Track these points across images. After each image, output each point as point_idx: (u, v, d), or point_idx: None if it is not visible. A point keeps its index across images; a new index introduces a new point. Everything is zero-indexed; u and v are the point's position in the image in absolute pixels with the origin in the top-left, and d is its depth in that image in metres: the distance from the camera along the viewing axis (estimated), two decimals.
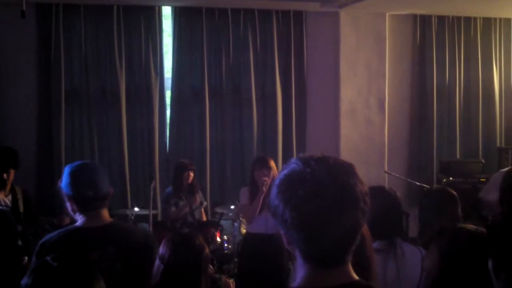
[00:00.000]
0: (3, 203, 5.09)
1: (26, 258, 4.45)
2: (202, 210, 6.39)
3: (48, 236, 2.82)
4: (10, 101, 6.55)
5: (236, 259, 5.86)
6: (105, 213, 2.82)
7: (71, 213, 2.83)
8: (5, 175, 5.04)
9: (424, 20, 7.63)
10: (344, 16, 7.27)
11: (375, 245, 2.81)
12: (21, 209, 5.18)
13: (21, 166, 5.20)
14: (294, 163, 1.49)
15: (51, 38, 6.56)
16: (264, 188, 5.00)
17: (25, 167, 5.48)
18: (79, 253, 2.64)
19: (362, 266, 1.59)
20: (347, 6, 6.80)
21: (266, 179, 5.01)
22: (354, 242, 1.48)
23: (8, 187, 5.14)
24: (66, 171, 2.83)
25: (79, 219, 2.79)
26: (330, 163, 1.47)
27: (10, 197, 5.15)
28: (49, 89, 6.63)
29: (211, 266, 5.28)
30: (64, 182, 2.78)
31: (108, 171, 6.16)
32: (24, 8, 6.03)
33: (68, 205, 2.79)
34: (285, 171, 1.50)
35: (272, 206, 1.49)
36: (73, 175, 2.78)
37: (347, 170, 1.47)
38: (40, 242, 2.77)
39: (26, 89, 6.63)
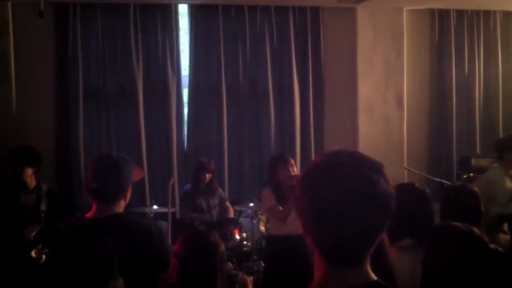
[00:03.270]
0: (25, 202, 5.14)
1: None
2: (229, 205, 6.37)
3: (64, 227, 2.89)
4: (28, 100, 6.59)
5: (255, 257, 5.85)
6: (116, 206, 2.83)
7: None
8: (24, 171, 5.07)
9: (442, 15, 7.55)
10: (361, 11, 7.22)
11: (405, 242, 2.79)
12: (43, 207, 5.21)
13: (40, 164, 5.25)
14: (320, 156, 1.49)
15: (68, 37, 6.60)
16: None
17: (44, 165, 5.51)
18: (81, 243, 2.68)
19: (382, 270, 1.57)
20: (365, 2, 6.75)
21: (295, 174, 4.95)
22: (372, 243, 1.45)
23: (32, 185, 5.17)
24: None
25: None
26: (356, 157, 1.46)
27: (34, 195, 5.18)
28: (67, 88, 6.67)
29: (229, 263, 5.32)
30: None
31: None
32: (42, 8, 6.09)
33: None
34: (311, 164, 1.50)
35: (295, 197, 1.49)
36: (89, 165, 2.89)
37: (373, 167, 1.44)
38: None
39: (44, 88, 6.68)
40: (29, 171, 5.12)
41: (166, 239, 2.89)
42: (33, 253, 4.39)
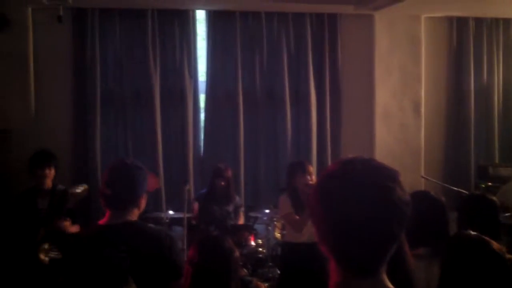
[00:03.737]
0: (43, 206, 5.19)
1: None
2: (240, 213, 6.38)
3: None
4: (46, 103, 6.65)
5: (270, 263, 5.84)
6: (129, 213, 2.83)
7: None
8: (46, 172, 5.14)
9: (460, 22, 7.51)
10: (379, 18, 7.19)
11: (419, 251, 2.77)
12: (59, 210, 5.25)
13: (58, 167, 5.30)
14: (335, 164, 1.49)
15: (86, 42, 6.65)
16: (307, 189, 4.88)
17: (61, 169, 5.56)
18: (94, 249, 2.68)
19: (402, 280, 1.55)
20: (382, 9, 6.72)
21: (312, 183, 4.92)
22: (388, 251, 1.44)
23: (49, 188, 5.23)
24: None
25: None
26: (372, 164, 1.46)
27: (48, 198, 5.24)
28: (84, 92, 6.71)
29: (244, 270, 5.31)
30: None
31: None
32: (61, 13, 6.16)
33: None
34: (325, 171, 1.50)
35: (310, 205, 1.49)
36: (104, 172, 2.91)
37: (389, 174, 1.44)
38: None
39: (62, 92, 6.72)
40: (50, 173, 5.20)
41: (178, 247, 2.88)
42: (41, 255, 4.42)
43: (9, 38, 6.33)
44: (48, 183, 5.21)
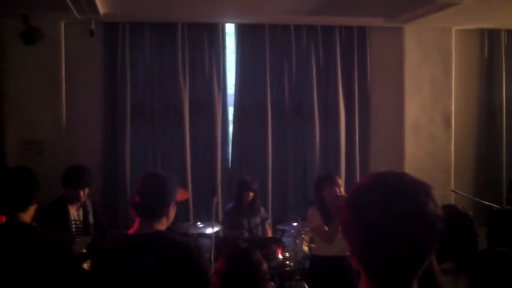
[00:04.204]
0: (75, 217, 5.26)
1: None
2: (267, 226, 6.40)
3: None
4: (77, 115, 6.73)
5: (298, 277, 5.80)
6: (157, 223, 2.86)
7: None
8: (81, 193, 5.23)
9: (492, 35, 7.42)
10: (409, 31, 7.15)
11: (446, 265, 2.73)
12: (91, 221, 5.35)
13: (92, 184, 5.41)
14: (367, 177, 1.48)
15: (117, 55, 6.73)
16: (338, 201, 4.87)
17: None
18: (122, 258, 2.71)
19: None
20: (412, 22, 6.68)
21: (340, 194, 4.90)
22: (420, 266, 1.43)
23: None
24: None
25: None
26: (405, 178, 1.45)
27: (81, 210, 5.33)
28: (114, 104, 6.78)
29: (271, 283, 5.28)
30: None
31: None
32: (93, 27, 6.28)
33: None
34: (357, 184, 1.49)
35: (341, 218, 1.48)
36: (137, 180, 2.95)
37: (422, 188, 1.42)
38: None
39: (92, 104, 6.81)
40: (85, 194, 5.29)
41: (205, 258, 2.89)
42: (85, 266, 4.46)
43: (42, 51, 6.45)
44: (82, 201, 5.31)
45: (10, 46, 6.42)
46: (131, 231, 2.87)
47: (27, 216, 2.99)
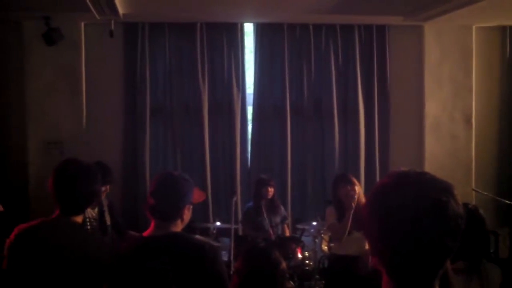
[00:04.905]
0: (89, 215, 5.29)
1: None
2: (285, 226, 6.40)
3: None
4: (97, 115, 6.79)
5: (317, 276, 5.80)
6: (173, 225, 2.84)
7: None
8: (103, 188, 5.27)
9: None
10: (429, 29, 7.10)
11: (458, 265, 2.71)
12: (108, 221, 5.38)
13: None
14: (388, 176, 1.48)
15: (137, 55, 6.77)
16: (352, 204, 4.89)
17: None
18: (138, 260, 2.72)
19: None
20: (432, 20, 6.63)
21: (353, 193, 4.92)
22: (442, 265, 1.43)
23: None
24: None
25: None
26: (426, 177, 1.44)
27: (96, 209, 5.36)
28: (134, 104, 6.83)
29: (291, 282, 5.28)
30: None
31: None
32: (112, 27, 6.31)
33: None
34: (378, 184, 1.49)
35: (362, 218, 1.48)
36: (151, 182, 2.93)
37: (443, 187, 1.42)
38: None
39: (113, 104, 6.87)
40: (107, 190, 5.33)
41: (221, 259, 2.87)
42: None
43: (63, 52, 6.51)
44: (101, 199, 5.33)
45: (32, 47, 6.49)
46: (146, 233, 2.88)
47: (80, 218, 3.01)
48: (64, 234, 2.80)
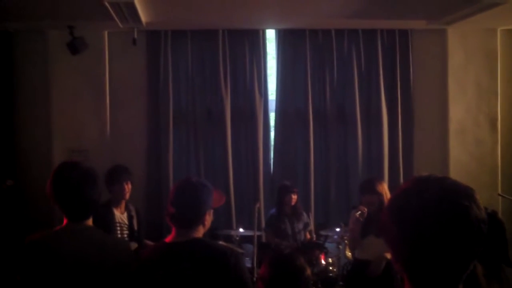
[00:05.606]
0: (120, 220, 5.34)
1: None
2: (308, 232, 6.38)
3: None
4: (121, 123, 6.86)
5: (341, 283, 5.76)
6: (194, 231, 2.85)
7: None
8: (125, 186, 5.32)
9: None
10: (452, 32, 7.04)
11: (478, 270, 2.68)
12: (136, 226, 5.43)
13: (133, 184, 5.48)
14: (408, 182, 1.47)
15: (160, 63, 6.82)
16: (361, 219, 4.88)
17: (135, 186, 5.71)
18: (159, 267, 2.72)
19: None
20: (455, 23, 6.57)
21: (363, 208, 4.90)
22: (465, 270, 1.41)
23: (124, 204, 5.41)
24: None
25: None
26: (447, 182, 1.43)
27: (125, 214, 5.41)
28: (157, 110, 6.87)
29: None
30: None
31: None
32: (135, 35, 6.38)
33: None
34: (398, 190, 1.48)
35: (383, 222, 1.48)
36: (171, 190, 2.95)
37: (465, 192, 1.41)
38: None
39: (136, 111, 6.92)
40: (129, 188, 5.37)
41: (244, 265, 2.87)
42: None
43: (87, 60, 6.59)
44: (127, 197, 5.38)
45: (56, 57, 6.59)
46: (168, 239, 2.88)
47: (90, 221, 2.96)
48: (78, 241, 2.76)
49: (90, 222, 2.90)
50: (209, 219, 2.90)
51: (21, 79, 6.76)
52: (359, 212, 4.93)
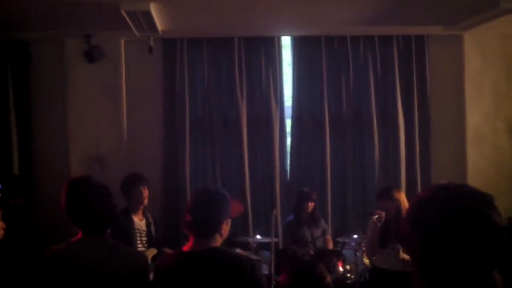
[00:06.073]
0: (138, 227, 5.37)
1: None
2: (329, 238, 6.35)
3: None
4: (138, 129, 6.88)
5: None
6: (211, 240, 2.86)
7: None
8: (143, 191, 5.36)
9: None
10: (469, 38, 7.00)
11: (496, 277, 2.65)
12: (154, 233, 5.46)
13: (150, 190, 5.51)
14: (429, 189, 1.46)
15: (176, 70, 6.85)
16: (379, 224, 4.88)
17: (151, 194, 5.73)
18: (176, 275, 2.72)
19: None
20: (472, 28, 6.53)
21: (380, 212, 4.90)
22: (486, 278, 1.40)
23: (142, 211, 5.46)
24: None
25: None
26: (466, 190, 1.42)
27: (144, 221, 5.45)
28: (174, 118, 6.89)
29: None
30: None
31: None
32: (151, 44, 6.41)
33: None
34: (417, 198, 1.48)
35: (403, 231, 1.47)
36: (188, 198, 2.94)
37: (484, 200, 1.40)
38: None
39: (153, 118, 6.94)
40: (146, 193, 5.41)
41: (260, 274, 2.87)
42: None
43: (104, 69, 6.65)
44: (145, 202, 5.42)
45: (73, 65, 6.64)
46: (185, 248, 2.89)
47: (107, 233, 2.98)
48: (95, 252, 2.79)
49: (105, 234, 2.92)
50: (226, 228, 2.90)
51: (38, 88, 6.82)
52: (376, 216, 4.92)
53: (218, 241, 2.87)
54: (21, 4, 5.29)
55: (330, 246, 6.38)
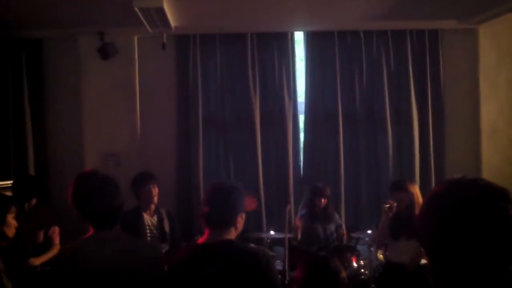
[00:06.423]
0: (149, 223, 5.40)
1: None
2: (343, 232, 6.33)
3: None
4: (152, 126, 6.91)
5: (373, 285, 5.72)
6: (226, 233, 2.89)
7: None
8: (152, 189, 5.38)
9: None
10: (484, 32, 6.94)
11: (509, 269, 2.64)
12: (167, 228, 5.48)
13: (162, 187, 5.52)
14: (444, 183, 1.46)
15: (189, 67, 6.86)
16: (387, 210, 4.90)
17: (165, 190, 5.75)
18: (192, 267, 2.73)
19: None
20: (487, 22, 6.48)
21: (391, 202, 4.92)
22: (502, 271, 1.39)
23: (153, 208, 5.48)
24: None
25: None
26: (481, 184, 1.42)
27: (155, 217, 5.48)
28: (187, 114, 6.91)
29: None
30: None
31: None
32: (164, 40, 6.43)
33: None
34: (431, 193, 1.48)
35: (418, 225, 1.47)
36: (205, 192, 2.97)
37: (500, 193, 1.39)
38: None
39: (166, 115, 6.97)
40: (156, 191, 5.44)
41: (274, 267, 2.89)
42: None
43: (117, 65, 6.67)
44: (155, 200, 5.45)
45: (87, 62, 6.67)
46: (201, 240, 2.91)
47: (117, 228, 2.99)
48: (105, 248, 2.79)
49: (116, 229, 2.92)
50: (241, 222, 2.93)
51: (52, 86, 6.87)
52: (388, 205, 4.92)
53: (233, 234, 2.91)
54: (35, 2, 5.33)
55: (344, 241, 6.37)
